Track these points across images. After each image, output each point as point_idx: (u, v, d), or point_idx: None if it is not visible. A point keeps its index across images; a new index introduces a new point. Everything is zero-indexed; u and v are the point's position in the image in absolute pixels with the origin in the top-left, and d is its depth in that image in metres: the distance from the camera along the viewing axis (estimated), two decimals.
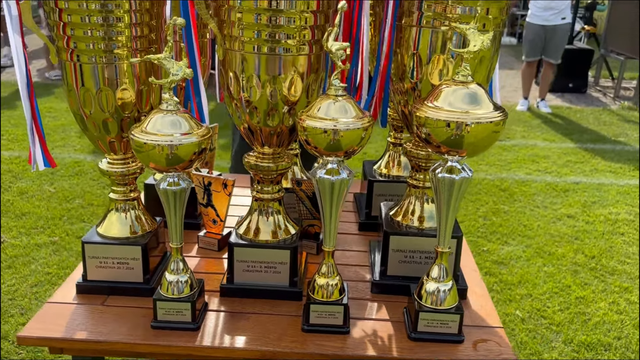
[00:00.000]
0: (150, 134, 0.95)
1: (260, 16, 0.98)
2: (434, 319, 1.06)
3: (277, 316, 1.13)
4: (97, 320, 1.11)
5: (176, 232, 1.05)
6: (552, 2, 5.72)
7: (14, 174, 3.84)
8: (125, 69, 1.04)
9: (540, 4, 5.79)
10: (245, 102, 1.07)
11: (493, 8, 1.03)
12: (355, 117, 0.96)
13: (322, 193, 1.00)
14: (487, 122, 0.94)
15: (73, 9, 0.98)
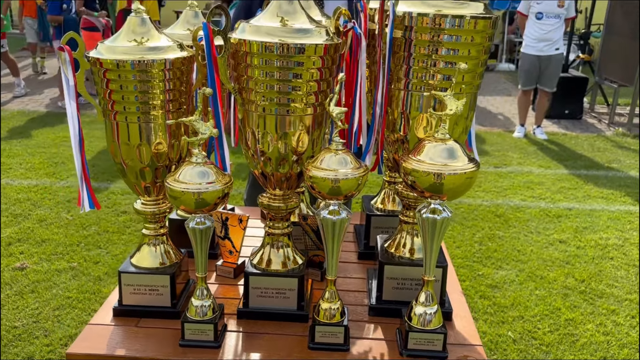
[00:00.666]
0: (182, 182, 1.14)
1: (273, 85, 1.18)
2: (421, 337, 1.24)
3: (287, 336, 1.31)
4: (132, 339, 1.29)
5: (201, 263, 1.23)
6: (545, 34, 5.96)
7: (32, 202, 4.05)
8: (159, 127, 1.24)
9: (534, 36, 6.04)
10: (260, 153, 1.26)
11: (467, 77, 1.23)
12: (352, 168, 1.16)
13: (325, 230, 1.19)
14: (462, 172, 1.13)
15: (116, 80, 1.19)
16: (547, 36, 5.99)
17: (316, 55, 1.18)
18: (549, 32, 5.98)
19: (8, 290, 2.95)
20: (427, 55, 1.21)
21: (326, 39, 1.20)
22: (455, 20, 1.19)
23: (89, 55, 1.19)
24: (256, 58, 1.17)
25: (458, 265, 3.38)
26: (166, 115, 1.24)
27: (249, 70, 1.19)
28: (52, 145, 5.35)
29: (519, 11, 6.28)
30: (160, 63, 1.19)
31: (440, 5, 1.21)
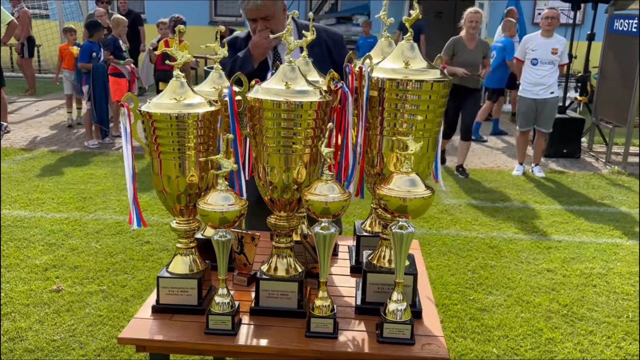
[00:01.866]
0: (210, 204, 1.52)
1: (280, 132, 1.56)
2: (393, 328, 1.58)
3: (289, 328, 1.65)
4: (167, 329, 1.64)
5: (223, 268, 1.60)
6: (540, 79, 6.37)
7: (65, 232, 4.45)
8: (192, 163, 1.63)
9: (530, 81, 6.45)
10: (269, 183, 1.64)
11: (427, 125, 1.61)
12: (339, 194, 1.53)
13: (318, 242, 1.55)
14: (421, 197, 1.50)
15: (161, 128, 1.58)
16: (542, 81, 6.39)
17: (311, 109, 1.56)
18: (543, 77, 6.38)
19: (47, 309, 3.31)
20: (395, 110, 1.60)
21: (319, 97, 1.59)
22: (417, 84, 1.57)
23: (142, 109, 1.59)
24: (267, 112, 1.56)
25: (451, 291, 3.69)
26: (197, 154, 1.62)
27: (261, 120, 1.58)
28: (80, 182, 5.79)
29: (516, 57, 6.71)
30: (194, 116, 1.59)
31: (406, 72, 1.60)
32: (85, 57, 7.14)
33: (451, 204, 5.48)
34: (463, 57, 6.18)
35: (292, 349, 1.57)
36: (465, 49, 6.21)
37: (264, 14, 2.43)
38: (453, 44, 6.25)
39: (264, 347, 1.58)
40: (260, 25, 2.44)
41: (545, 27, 6.30)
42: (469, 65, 6.15)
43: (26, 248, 4.14)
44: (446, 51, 6.22)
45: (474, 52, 6.24)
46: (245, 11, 2.46)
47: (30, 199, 5.20)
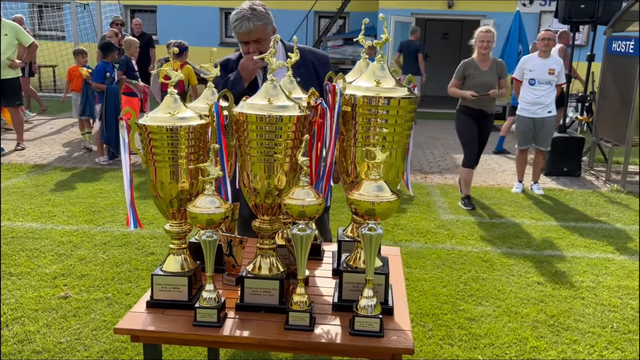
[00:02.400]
0: (198, 207, 1.69)
1: (262, 142, 1.74)
2: (364, 321, 1.73)
3: (270, 322, 1.81)
4: (160, 322, 1.81)
5: (210, 266, 1.76)
6: (538, 98, 6.53)
7: (73, 244, 4.64)
8: (184, 171, 1.81)
9: (528, 100, 6.61)
10: (253, 189, 1.81)
11: (396, 137, 1.78)
12: (314, 198, 1.70)
13: (295, 242, 1.72)
14: (387, 201, 1.66)
15: (156, 139, 1.76)
16: (539, 100, 6.55)
17: (291, 123, 1.74)
18: (541, 96, 6.54)
19: (55, 314, 3.49)
20: (367, 123, 1.77)
21: (299, 112, 1.77)
22: (386, 100, 1.75)
23: (138, 122, 1.78)
24: (251, 125, 1.74)
25: (442, 302, 3.82)
26: (188, 163, 1.80)
27: (245, 132, 1.76)
28: (90, 197, 6.00)
29: (514, 77, 6.87)
30: (186, 128, 1.77)
31: (377, 90, 1.77)
32: (100, 77, 7.41)
33: (448, 220, 5.62)
34: (476, 80, 5.86)
35: (272, 339, 1.73)
36: (478, 71, 5.89)
37: (255, 37, 2.64)
38: (463, 68, 5.96)
39: (246, 337, 1.74)
40: (252, 47, 2.65)
41: (542, 48, 6.48)
42: (483, 88, 5.82)
43: (37, 258, 4.33)
44: (456, 75, 5.99)
45: (488, 73, 5.91)
46: (238, 34, 2.67)
47: (42, 212, 5.41)
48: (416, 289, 4.02)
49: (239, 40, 2.74)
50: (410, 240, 5.01)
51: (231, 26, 2.77)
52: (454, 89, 6.04)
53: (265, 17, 2.73)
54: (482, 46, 5.91)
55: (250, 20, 2.68)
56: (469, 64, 6.00)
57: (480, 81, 5.88)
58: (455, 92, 6.01)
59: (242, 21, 2.68)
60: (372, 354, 1.73)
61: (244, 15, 2.69)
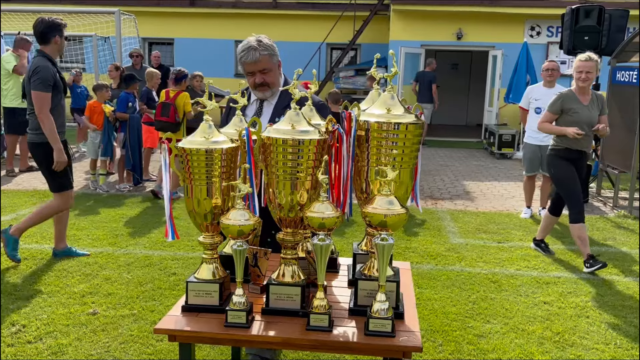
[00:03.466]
0: (230, 219, 1.92)
1: (287, 162, 1.97)
2: (377, 322, 1.93)
3: (293, 324, 2.02)
4: (194, 323, 2.02)
5: (240, 272, 1.98)
6: None
7: (99, 265, 4.87)
8: (217, 188, 2.04)
9: (534, 128, 6.80)
10: (278, 204, 2.04)
11: (405, 157, 2.00)
12: (332, 211, 1.92)
13: (316, 251, 1.93)
14: (397, 214, 1.88)
15: (193, 160, 2.00)
16: None
17: (311, 145, 1.98)
18: None
19: (84, 329, 3.70)
20: (379, 146, 2.00)
21: (318, 136, 2.00)
22: (397, 125, 1.98)
23: (178, 145, 2.02)
24: (276, 147, 1.98)
25: (452, 319, 3.99)
26: (221, 180, 2.04)
27: (272, 154, 1.99)
28: (112, 221, 6.26)
29: (521, 106, 7.11)
30: (219, 150, 2.01)
31: (388, 116, 2.01)
32: (123, 107, 7.73)
33: (458, 243, 5.79)
34: (577, 116, 5.00)
35: (295, 338, 1.94)
36: (578, 104, 5.04)
37: (261, 67, 2.81)
38: (562, 100, 5.08)
39: (272, 336, 1.95)
40: (258, 77, 2.83)
41: (547, 79, 6.72)
42: (585, 125, 4.99)
43: (65, 277, 4.57)
44: (552, 109, 5.13)
45: (588, 108, 5.07)
46: (244, 64, 2.84)
47: (67, 236, 5.65)
48: (427, 307, 4.19)
49: (246, 72, 2.88)
50: (421, 262, 5.19)
51: (238, 58, 2.91)
52: (548, 125, 5.17)
53: (271, 48, 2.88)
54: (580, 78, 4.97)
55: (256, 50, 2.82)
56: (568, 97, 5.09)
57: (582, 117, 5.00)
58: (552, 129, 5.12)
59: (249, 51, 2.83)
60: (385, 352, 1.93)
61: (250, 46, 2.84)
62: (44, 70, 4.50)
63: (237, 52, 2.94)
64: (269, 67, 2.86)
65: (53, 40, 4.63)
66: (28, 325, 3.73)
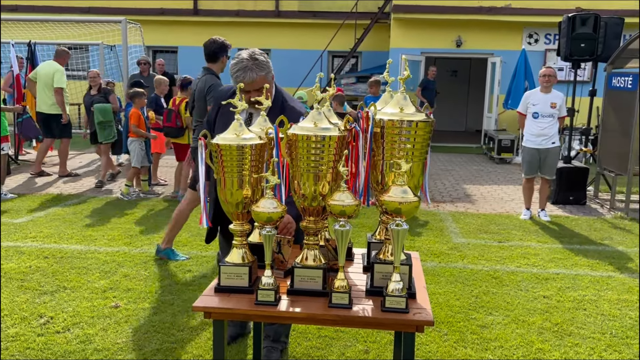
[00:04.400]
0: (260, 207, 2.14)
1: (310, 157, 2.20)
2: (393, 300, 2.15)
3: (315, 303, 2.23)
4: (226, 302, 2.23)
5: (269, 255, 2.20)
6: (542, 130, 6.98)
7: (117, 263, 5.09)
8: (247, 180, 2.26)
9: (532, 132, 7.06)
10: (302, 195, 2.26)
11: (416, 152, 2.23)
12: (352, 199, 2.14)
13: (337, 236, 2.15)
14: (411, 202, 2.10)
15: (226, 154, 2.22)
16: (543, 132, 7.00)
17: (332, 141, 2.20)
18: (544, 128, 6.99)
19: (109, 320, 3.91)
20: (393, 142, 2.22)
21: (338, 133, 2.22)
22: (409, 123, 2.21)
23: (212, 142, 2.24)
24: (301, 142, 2.20)
25: (456, 312, 4.20)
26: (250, 174, 2.26)
27: (297, 149, 2.22)
28: (125, 222, 6.47)
29: (519, 111, 7.35)
30: (249, 146, 2.23)
31: (401, 115, 2.23)
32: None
33: (460, 243, 6.01)
34: None
35: (319, 314, 2.15)
36: None
37: (257, 87, 2.85)
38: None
39: (297, 312, 2.16)
40: (253, 95, 2.84)
41: (544, 84, 6.96)
42: None
43: (85, 274, 4.78)
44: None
45: None
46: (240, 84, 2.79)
47: (84, 236, 5.88)
48: (432, 301, 4.39)
49: (239, 88, 2.91)
50: (425, 260, 5.40)
51: (231, 75, 2.91)
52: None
53: (266, 66, 2.93)
54: None
55: (253, 70, 2.86)
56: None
57: None
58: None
59: (245, 72, 2.86)
60: (400, 326, 2.14)
61: (246, 66, 2.87)
62: (218, 87, 4.89)
63: (231, 70, 2.95)
64: (263, 85, 2.85)
65: (221, 59, 5.18)
66: (55, 317, 3.94)
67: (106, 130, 8.38)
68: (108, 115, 8.38)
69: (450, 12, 13.89)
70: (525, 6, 13.69)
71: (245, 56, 2.91)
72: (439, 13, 13.93)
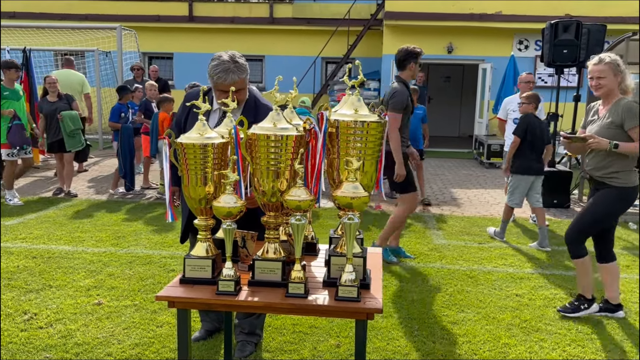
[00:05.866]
0: (221, 202, 2.28)
1: (269, 155, 2.33)
2: (345, 289, 2.28)
3: (274, 293, 2.36)
4: (189, 292, 2.36)
5: (229, 248, 2.33)
6: None
7: (103, 262, 5.22)
8: (209, 176, 2.40)
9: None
10: (262, 191, 2.40)
11: (369, 151, 2.36)
12: (307, 195, 2.27)
13: (293, 229, 2.28)
14: (361, 196, 2.23)
15: (190, 152, 2.36)
16: None
17: (290, 140, 2.33)
18: None
19: (91, 317, 4.04)
20: (347, 141, 2.36)
21: (296, 133, 2.36)
22: (362, 123, 2.35)
23: (176, 141, 2.38)
24: (260, 142, 2.34)
25: (428, 309, 4.33)
26: (212, 170, 2.39)
27: (257, 148, 2.35)
28: (114, 224, 6.60)
29: (499, 117, 7.47)
30: (211, 145, 2.37)
31: (355, 116, 2.37)
32: (115, 117, 8.19)
33: (441, 244, 6.14)
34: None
35: (276, 303, 2.28)
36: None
37: (238, 87, 2.92)
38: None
39: (256, 302, 2.29)
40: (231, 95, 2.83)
41: (525, 90, 7.10)
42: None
43: (71, 273, 4.91)
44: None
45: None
46: (221, 85, 2.95)
47: (73, 237, 6.01)
48: (406, 299, 4.52)
49: (217, 89, 3.01)
50: (404, 260, 5.52)
51: (212, 76, 2.97)
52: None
53: (246, 69, 3.03)
54: (591, 85, 4.02)
55: (235, 73, 2.96)
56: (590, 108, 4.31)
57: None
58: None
59: (227, 74, 2.95)
60: (352, 314, 2.28)
61: (228, 68, 2.95)
62: (401, 94, 5.02)
63: (210, 70, 3.01)
64: (242, 87, 3.05)
65: (409, 66, 5.16)
66: (39, 313, 4.07)
67: (75, 138, 8.14)
68: (77, 123, 8.14)
69: (441, 19, 14.06)
70: (516, 12, 13.87)
71: (226, 58, 3.00)
72: (430, 20, 14.10)
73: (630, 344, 3.84)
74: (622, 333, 4.00)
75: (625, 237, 6.57)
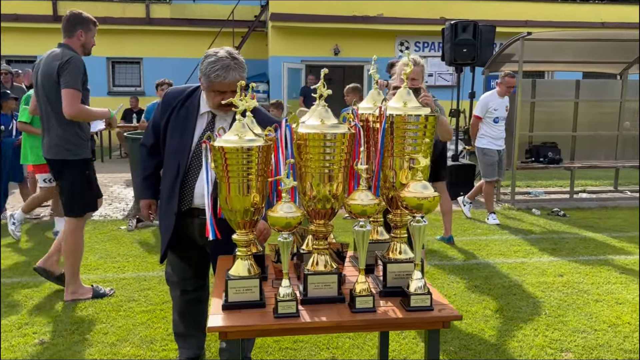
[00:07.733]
0: (278, 212, 1.98)
1: (320, 156, 2.08)
2: (417, 298, 2.10)
3: (335, 309, 2.11)
4: (237, 319, 2.03)
5: (286, 264, 2.04)
6: (501, 133, 7.34)
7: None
8: (254, 185, 2.08)
9: (493, 136, 7.26)
10: (312, 197, 2.13)
11: (425, 146, 2.20)
12: (372, 199, 2.06)
13: (357, 237, 2.06)
14: (431, 197, 2.07)
15: (230, 157, 2.03)
16: (501, 135, 7.36)
17: (344, 139, 2.10)
18: (502, 131, 7.35)
19: None
20: (402, 137, 2.18)
21: (347, 130, 2.13)
22: (417, 117, 2.18)
23: (215, 144, 2.04)
24: (310, 141, 2.08)
25: None
26: (257, 177, 2.08)
27: (306, 148, 2.09)
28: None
29: (477, 115, 7.47)
30: (256, 148, 2.06)
31: (405, 109, 2.20)
32: None
33: None
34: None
35: (345, 320, 2.04)
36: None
37: (234, 87, 2.42)
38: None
39: (323, 322, 2.03)
40: (228, 96, 2.54)
41: (509, 89, 7.24)
42: None
43: None
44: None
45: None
46: (215, 84, 2.61)
47: None
48: None
49: (214, 89, 2.66)
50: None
51: (209, 74, 2.64)
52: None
53: (244, 66, 2.71)
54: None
55: (235, 70, 2.63)
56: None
57: None
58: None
59: (228, 71, 2.61)
60: (428, 324, 2.10)
61: (228, 65, 2.62)
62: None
63: (206, 68, 2.67)
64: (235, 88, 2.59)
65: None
66: None
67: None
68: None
69: (326, 20, 14.22)
70: (396, 15, 14.42)
71: (224, 54, 2.65)
72: (315, 22, 14.20)
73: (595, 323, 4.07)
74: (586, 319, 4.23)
75: (532, 222, 7.04)
